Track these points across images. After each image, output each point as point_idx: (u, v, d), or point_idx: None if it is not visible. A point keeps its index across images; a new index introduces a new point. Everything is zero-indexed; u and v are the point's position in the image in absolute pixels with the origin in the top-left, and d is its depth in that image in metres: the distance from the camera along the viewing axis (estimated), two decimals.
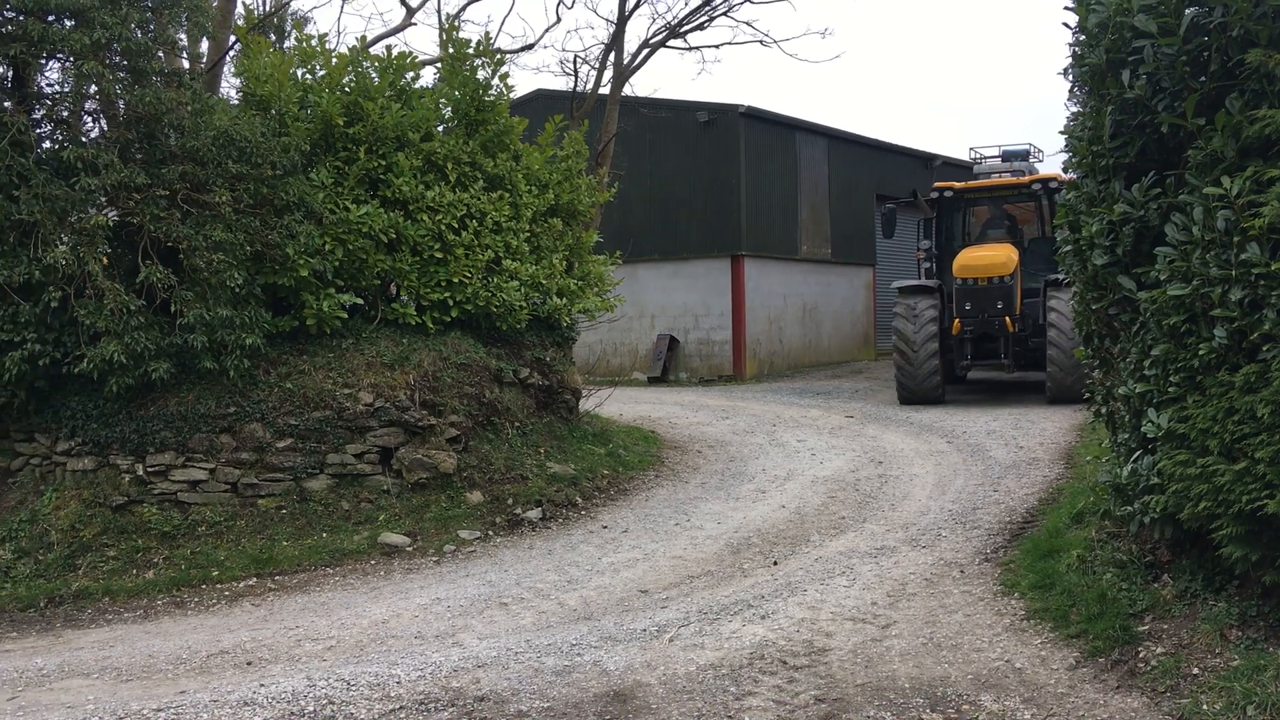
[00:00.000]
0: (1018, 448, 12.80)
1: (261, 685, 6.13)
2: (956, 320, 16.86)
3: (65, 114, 10.10)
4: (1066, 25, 6.49)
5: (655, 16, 58.01)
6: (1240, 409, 5.10)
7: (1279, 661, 4.97)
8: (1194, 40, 5.52)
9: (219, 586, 8.79)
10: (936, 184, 19.05)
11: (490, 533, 10.04)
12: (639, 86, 26.03)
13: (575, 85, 18.20)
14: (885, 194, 27.43)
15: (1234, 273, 5.14)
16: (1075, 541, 7.52)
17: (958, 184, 18.90)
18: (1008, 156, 19.12)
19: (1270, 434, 4.91)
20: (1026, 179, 18.06)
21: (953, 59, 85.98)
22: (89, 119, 10.36)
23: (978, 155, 19.69)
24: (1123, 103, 5.94)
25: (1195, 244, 5.40)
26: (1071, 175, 12.80)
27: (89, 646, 7.37)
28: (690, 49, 20.96)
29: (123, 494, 9.59)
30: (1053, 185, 17.19)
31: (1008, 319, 16.54)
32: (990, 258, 16.78)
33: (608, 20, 23.20)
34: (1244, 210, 5.09)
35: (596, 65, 19.26)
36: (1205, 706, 4.90)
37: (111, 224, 9.62)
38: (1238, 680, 4.95)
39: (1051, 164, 21.04)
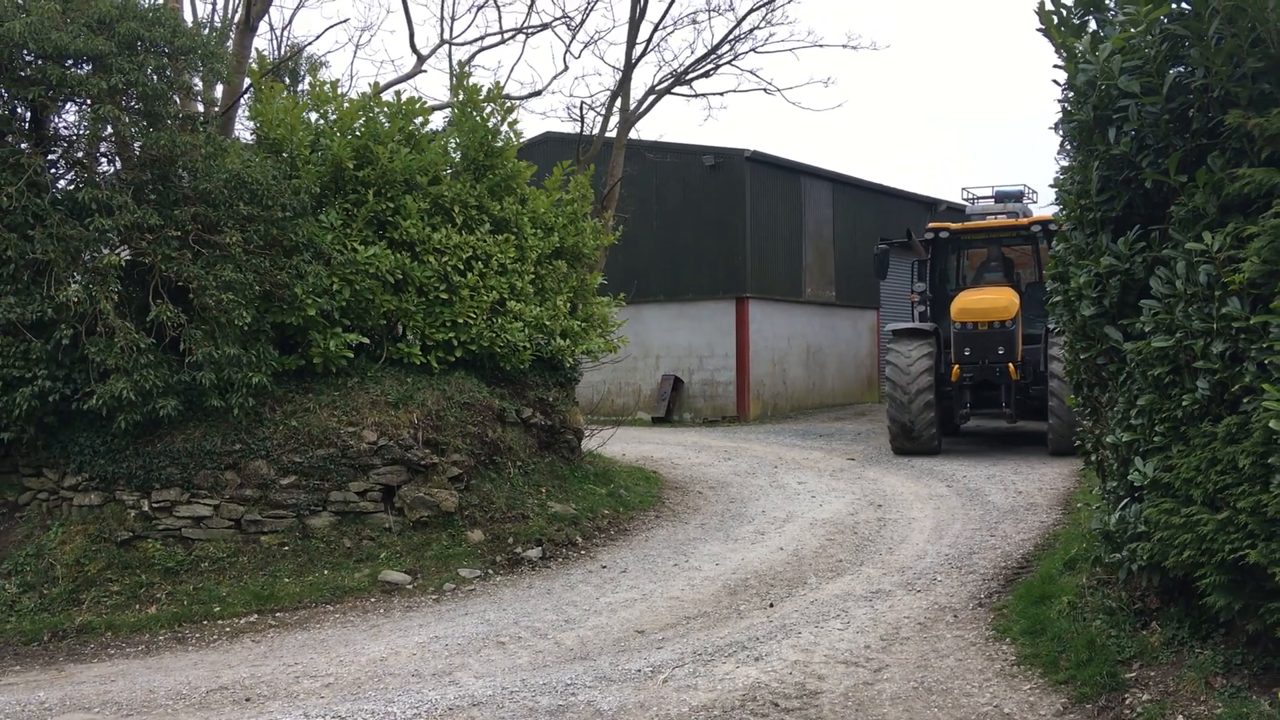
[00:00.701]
0: (1016, 493, 12.86)
1: None
2: (955, 366, 16.14)
3: (81, 156, 10.32)
4: (1056, 82, 6.65)
5: (661, 64, 58.96)
6: (1222, 459, 5.19)
7: (1261, 710, 5.03)
8: (1177, 99, 5.67)
9: (220, 623, 8.87)
10: (931, 224, 18.28)
11: (490, 571, 10.13)
12: (645, 131, 26.37)
13: (582, 130, 18.46)
14: (889, 238, 27.62)
15: (1215, 326, 5.26)
16: (1067, 588, 7.59)
17: (953, 224, 18.22)
18: (1001, 197, 18.53)
19: (1251, 484, 5.00)
20: (1025, 220, 17.48)
21: (953, 72, 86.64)
22: (104, 160, 10.58)
23: (970, 195, 19.09)
24: (1109, 158, 6.10)
25: (1178, 297, 5.53)
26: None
27: (91, 681, 7.45)
28: (696, 96, 21.30)
29: (128, 529, 9.70)
30: (1052, 228, 15.55)
31: (1010, 365, 15.81)
32: (991, 301, 16.12)
33: (615, 68, 23.51)
34: (1225, 265, 5.22)
35: (603, 111, 19.55)
36: None
37: (123, 263, 9.80)
38: None
39: (1045, 206, 20.76)
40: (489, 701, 6.41)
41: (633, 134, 20.26)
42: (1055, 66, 6.58)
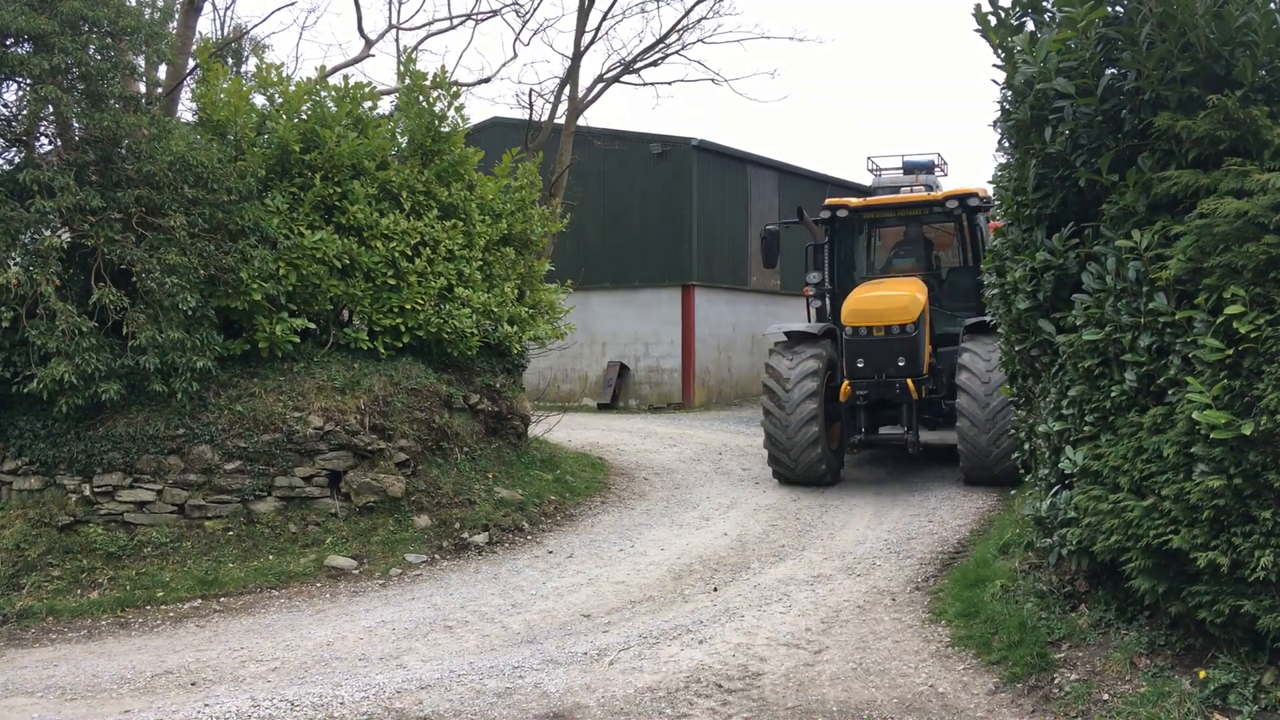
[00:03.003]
0: (955, 479, 13.14)
1: (206, 705, 6.24)
2: (845, 382, 12.87)
3: (20, 136, 10.15)
4: (995, 81, 6.83)
5: (610, 52, 58.82)
6: (1148, 448, 5.41)
7: (1182, 689, 5.26)
8: (1110, 101, 5.87)
9: (164, 607, 8.84)
10: (829, 200, 14.89)
11: (437, 556, 10.18)
12: (593, 119, 26.43)
13: (530, 117, 18.44)
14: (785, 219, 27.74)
15: (1143, 320, 5.49)
16: (1001, 571, 7.83)
17: (854, 200, 15.00)
18: (910, 168, 15.56)
19: (1175, 473, 5.22)
20: (940, 195, 14.21)
21: (899, 63, 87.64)
22: (44, 140, 10.42)
23: (875, 166, 16.09)
24: (1045, 157, 6.30)
25: (1108, 292, 5.74)
26: (988, 190, 12.50)
27: (33, 665, 7.41)
28: (644, 84, 21.35)
29: (69, 514, 9.61)
30: (973, 202, 13.59)
31: (910, 381, 12.48)
32: (888, 300, 12.74)
33: (564, 55, 23.46)
34: (1152, 262, 5.44)
35: (552, 99, 19.56)
36: None
37: (65, 245, 9.67)
38: (1144, 706, 5.24)
39: (958, 178, 18.50)
40: (437, 684, 6.48)
41: (581, 121, 20.29)
42: (994, 66, 6.76)
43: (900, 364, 12.54)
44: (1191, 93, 5.53)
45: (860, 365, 12.70)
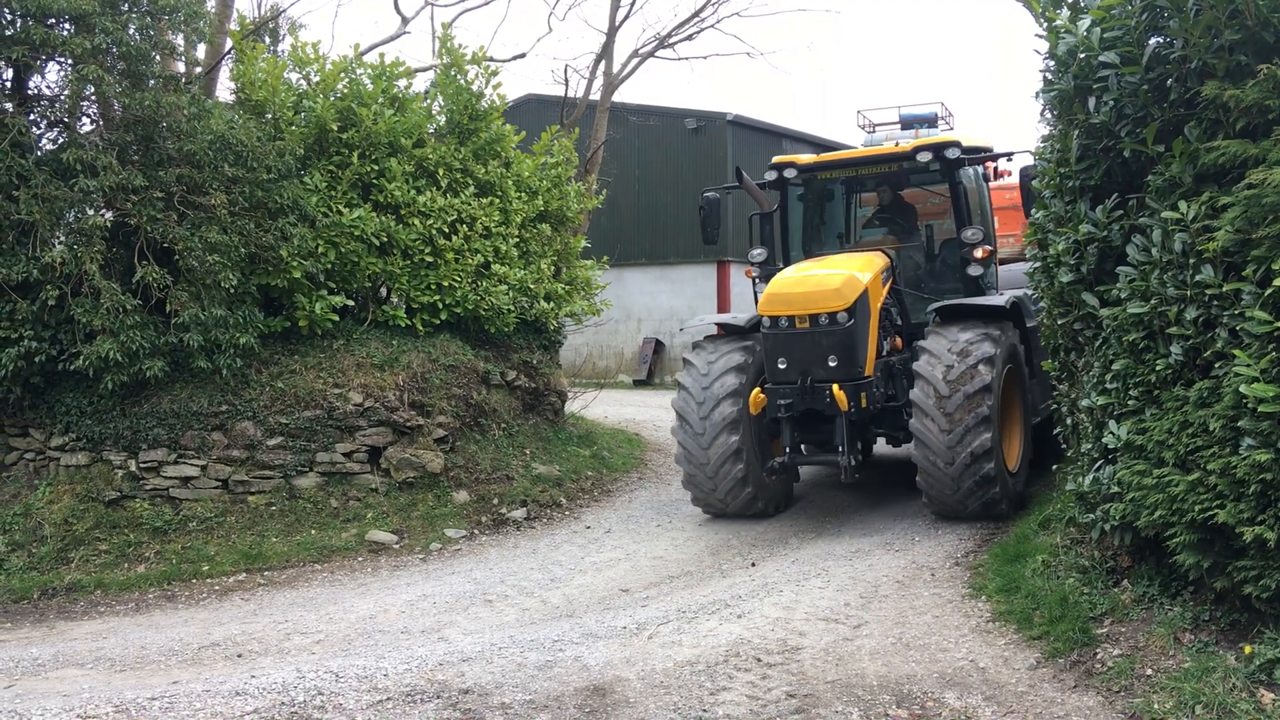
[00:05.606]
0: None
1: (252, 676, 6.33)
2: (756, 389, 9.89)
3: (63, 116, 10.27)
4: (1037, 51, 6.74)
5: (645, 26, 58.49)
6: (1194, 423, 5.34)
7: (1227, 664, 5.21)
8: (1156, 70, 5.77)
9: (209, 581, 8.98)
10: (776, 159, 11.71)
11: (476, 531, 10.26)
12: (628, 93, 26.41)
13: (566, 93, 18.39)
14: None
15: (1189, 293, 5.40)
16: (1041, 547, 7.78)
17: (804, 157, 11.76)
18: (908, 122, 12.68)
19: (1221, 447, 5.15)
20: (909, 146, 10.93)
21: (938, 33, 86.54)
22: (85, 121, 10.54)
23: (868, 122, 13.19)
24: (1089, 128, 6.20)
25: (1154, 264, 5.66)
26: (978, 140, 11.51)
27: (82, 638, 7.56)
28: (679, 59, 21.23)
29: (115, 489, 9.78)
30: (951, 154, 10.53)
31: (837, 389, 9.30)
32: (817, 281, 9.66)
33: (598, 30, 23.36)
34: (1199, 234, 5.34)
35: (587, 75, 19.49)
36: (1156, 706, 5.14)
37: (108, 224, 9.81)
38: (1188, 681, 5.19)
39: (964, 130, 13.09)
40: (478, 657, 6.54)
41: (616, 97, 20.22)
42: (1037, 35, 6.68)
43: (831, 365, 9.50)
44: (1240, 61, 5.42)
45: (782, 367, 9.69)
